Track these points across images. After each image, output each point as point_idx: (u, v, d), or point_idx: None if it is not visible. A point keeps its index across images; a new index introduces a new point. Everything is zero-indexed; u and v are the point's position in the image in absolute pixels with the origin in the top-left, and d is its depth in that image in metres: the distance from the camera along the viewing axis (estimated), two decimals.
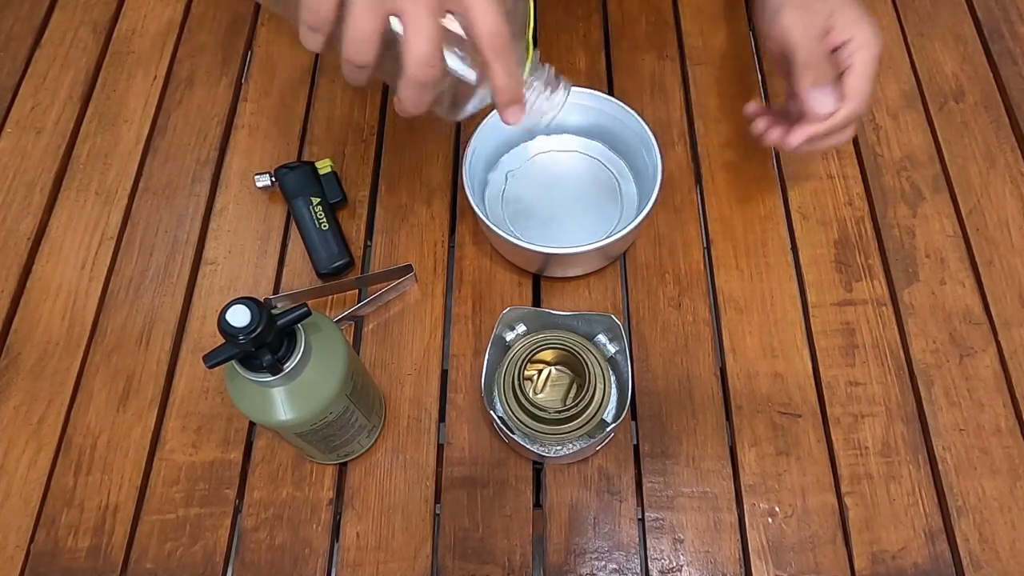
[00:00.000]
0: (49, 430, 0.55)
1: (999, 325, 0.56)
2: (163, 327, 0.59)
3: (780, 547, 0.50)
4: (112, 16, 0.73)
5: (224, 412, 0.56)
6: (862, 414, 0.54)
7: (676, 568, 0.50)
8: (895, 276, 0.59)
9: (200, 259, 0.62)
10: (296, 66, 0.70)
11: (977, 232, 0.60)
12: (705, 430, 0.54)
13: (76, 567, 0.51)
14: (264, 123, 0.67)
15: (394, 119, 0.67)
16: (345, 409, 0.46)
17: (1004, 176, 0.62)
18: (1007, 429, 0.53)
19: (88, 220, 0.63)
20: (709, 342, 0.57)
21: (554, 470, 0.53)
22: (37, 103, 0.69)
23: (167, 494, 0.53)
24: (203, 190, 0.64)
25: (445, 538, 0.51)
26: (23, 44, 0.72)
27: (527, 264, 0.59)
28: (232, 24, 0.72)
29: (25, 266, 0.61)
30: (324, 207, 0.61)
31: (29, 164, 0.66)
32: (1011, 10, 0.69)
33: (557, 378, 0.55)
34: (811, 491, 0.52)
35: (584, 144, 0.63)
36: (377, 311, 0.59)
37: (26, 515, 0.53)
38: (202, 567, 0.51)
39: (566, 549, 0.51)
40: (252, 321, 0.38)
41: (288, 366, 0.41)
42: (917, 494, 0.52)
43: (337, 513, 0.53)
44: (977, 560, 0.50)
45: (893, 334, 0.57)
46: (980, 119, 0.64)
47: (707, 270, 0.60)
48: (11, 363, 0.58)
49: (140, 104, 0.68)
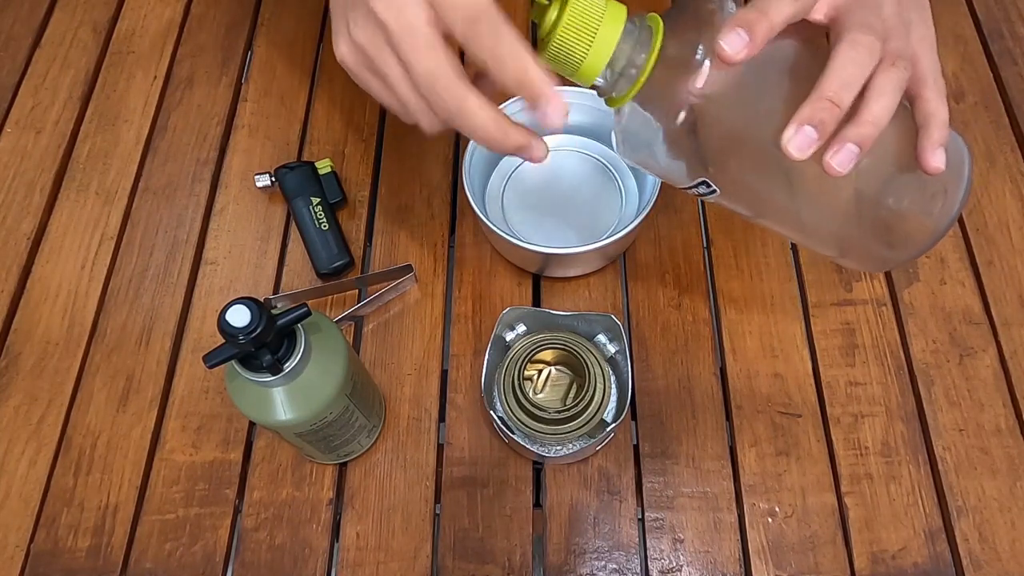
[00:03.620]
0: (49, 430, 0.55)
1: (999, 325, 0.56)
2: (163, 327, 0.59)
3: (780, 547, 0.50)
4: (112, 16, 0.73)
5: (224, 412, 0.56)
6: (862, 414, 0.54)
7: (676, 568, 0.50)
8: (895, 276, 0.59)
9: (200, 259, 0.62)
10: (296, 66, 0.70)
11: (977, 232, 0.60)
12: (705, 430, 0.54)
13: (76, 567, 0.51)
14: (264, 123, 0.67)
15: (394, 119, 0.67)
16: (345, 409, 0.46)
17: (1004, 176, 0.62)
18: (1007, 429, 0.53)
19: (88, 220, 0.63)
20: (709, 342, 0.57)
21: (554, 470, 0.53)
22: (37, 103, 0.69)
23: (167, 494, 0.53)
24: (203, 190, 0.64)
25: (445, 538, 0.51)
26: (23, 44, 0.72)
27: (527, 264, 0.59)
28: (232, 24, 0.72)
29: (25, 266, 0.61)
30: (324, 207, 0.61)
31: (29, 164, 0.66)
32: (1011, 10, 0.69)
33: (557, 378, 0.55)
34: (811, 491, 0.52)
35: (584, 144, 0.63)
36: (377, 311, 0.59)
37: (26, 515, 0.53)
38: (202, 567, 0.51)
39: (566, 549, 0.51)
40: (252, 321, 0.38)
41: (288, 366, 0.41)
42: (917, 494, 0.52)
43: (337, 513, 0.53)
44: (977, 560, 0.50)
45: (893, 334, 0.57)
46: (980, 119, 0.64)
47: (707, 270, 0.60)
48: (11, 363, 0.58)
49: (140, 104, 0.68)
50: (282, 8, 0.73)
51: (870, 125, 0.36)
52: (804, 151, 0.36)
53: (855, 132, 0.36)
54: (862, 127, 0.36)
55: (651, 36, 0.38)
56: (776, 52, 0.38)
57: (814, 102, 0.36)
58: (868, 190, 0.40)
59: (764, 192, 0.41)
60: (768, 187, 0.41)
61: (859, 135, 0.36)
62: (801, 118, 0.36)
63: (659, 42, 0.37)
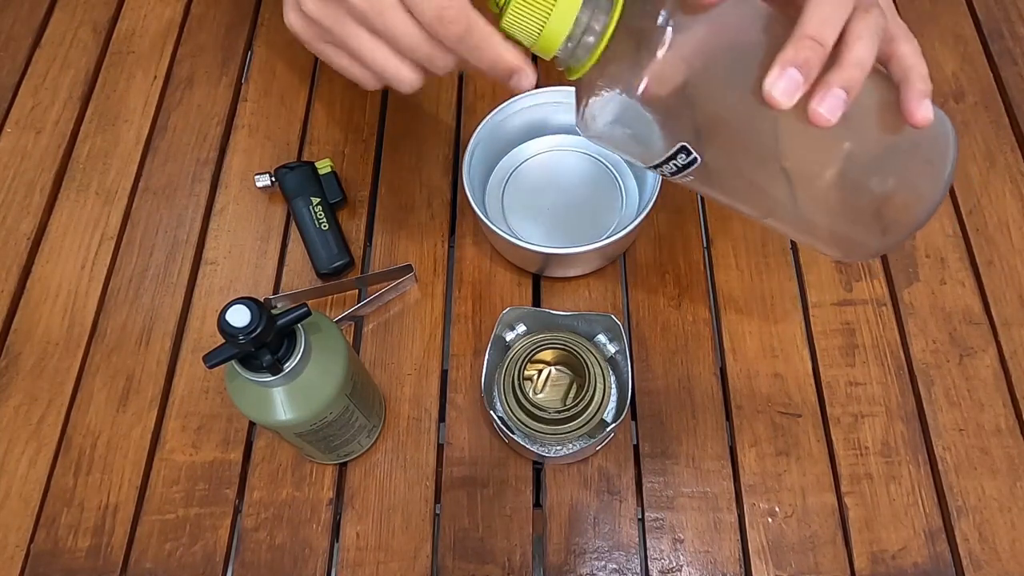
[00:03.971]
0: (49, 430, 0.55)
1: (999, 325, 0.56)
2: (163, 327, 0.59)
3: (780, 547, 0.50)
4: (112, 16, 0.73)
5: (224, 412, 0.56)
6: (862, 414, 0.54)
7: (676, 568, 0.50)
8: (895, 276, 0.59)
9: (200, 259, 0.62)
10: (296, 66, 0.70)
11: (977, 232, 0.60)
12: (705, 430, 0.54)
13: (76, 567, 0.51)
14: (264, 123, 0.67)
15: (394, 119, 0.67)
16: (345, 409, 0.46)
17: (1004, 176, 0.62)
18: (1007, 429, 0.53)
19: (88, 220, 0.63)
20: (709, 342, 0.57)
21: (554, 470, 0.53)
22: (37, 103, 0.69)
23: (167, 494, 0.53)
24: (203, 190, 0.64)
25: (445, 538, 0.51)
26: (23, 44, 0.72)
27: (527, 264, 0.59)
28: (232, 24, 0.72)
29: (25, 266, 0.61)
30: (324, 207, 0.61)
31: (29, 164, 0.66)
32: (1011, 10, 0.69)
33: (557, 378, 0.55)
34: (811, 491, 0.52)
35: (584, 144, 0.63)
36: (377, 311, 0.59)
37: (26, 515, 0.53)
38: (202, 567, 0.51)
39: (566, 549, 0.51)
40: (252, 321, 0.38)
41: (288, 366, 0.41)
42: (917, 494, 0.52)
43: (337, 513, 0.53)
44: (977, 560, 0.50)
45: (893, 334, 0.57)
46: (980, 119, 0.64)
47: (707, 270, 0.60)
48: (11, 363, 0.58)
49: (140, 104, 0.68)
50: (282, 8, 0.73)
51: (855, 67, 0.34)
52: (791, 96, 0.33)
53: (840, 76, 0.34)
54: (846, 70, 0.34)
55: (611, 2, 0.36)
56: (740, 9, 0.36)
57: (796, 41, 0.33)
58: (852, 170, 0.38)
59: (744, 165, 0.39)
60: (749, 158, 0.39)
61: (845, 78, 0.34)
62: (784, 60, 0.33)
63: (619, 8, 0.35)
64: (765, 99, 0.33)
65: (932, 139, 0.38)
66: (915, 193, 0.38)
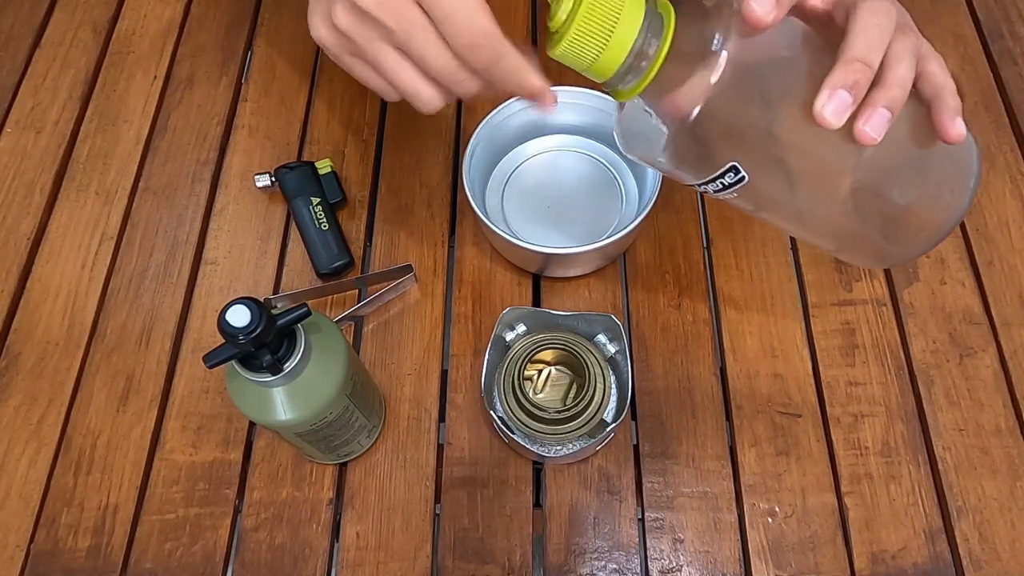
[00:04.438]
0: (49, 430, 0.55)
1: (999, 325, 0.56)
2: (163, 327, 0.59)
3: (780, 547, 0.50)
4: (112, 16, 0.73)
5: (224, 412, 0.56)
6: (862, 414, 0.54)
7: (676, 568, 0.50)
8: (895, 276, 0.59)
9: (200, 259, 0.62)
10: (296, 66, 0.70)
11: (977, 232, 0.60)
12: (705, 430, 0.54)
13: (76, 567, 0.51)
14: (264, 123, 0.67)
15: (394, 119, 0.67)
16: (345, 409, 0.46)
17: (1004, 176, 0.62)
18: (1007, 429, 0.53)
19: (88, 220, 0.63)
20: (709, 342, 0.57)
21: (554, 470, 0.53)
22: (37, 103, 0.69)
23: (167, 494, 0.53)
24: (203, 190, 0.64)
25: (445, 538, 0.51)
26: (23, 44, 0.72)
27: (527, 264, 0.59)
28: (232, 24, 0.72)
29: (25, 266, 0.61)
30: (324, 207, 0.61)
31: (29, 164, 0.66)
32: (1011, 10, 0.69)
33: (557, 378, 0.55)
34: (811, 491, 0.52)
35: (584, 144, 0.63)
36: (377, 311, 0.59)
37: (26, 515, 0.53)
38: (202, 567, 0.51)
39: (566, 549, 0.51)
40: (252, 321, 0.38)
41: (288, 366, 0.41)
42: (917, 494, 0.52)
43: (337, 513, 0.53)
44: (977, 560, 0.50)
45: (893, 334, 0.57)
46: (980, 119, 0.64)
47: (707, 270, 0.60)
48: (11, 363, 0.58)
49: (140, 104, 0.68)
50: (282, 8, 0.73)
51: (898, 87, 0.36)
52: (841, 116, 0.34)
53: (884, 95, 0.35)
54: (890, 90, 0.35)
55: (662, 25, 0.36)
56: (786, 32, 0.37)
57: (844, 64, 0.35)
58: (888, 184, 0.39)
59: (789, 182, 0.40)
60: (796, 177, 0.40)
61: (888, 98, 0.35)
62: (833, 83, 0.34)
63: (671, 32, 0.35)
64: (816, 120, 0.35)
65: (961, 152, 0.39)
66: (944, 201, 0.40)
